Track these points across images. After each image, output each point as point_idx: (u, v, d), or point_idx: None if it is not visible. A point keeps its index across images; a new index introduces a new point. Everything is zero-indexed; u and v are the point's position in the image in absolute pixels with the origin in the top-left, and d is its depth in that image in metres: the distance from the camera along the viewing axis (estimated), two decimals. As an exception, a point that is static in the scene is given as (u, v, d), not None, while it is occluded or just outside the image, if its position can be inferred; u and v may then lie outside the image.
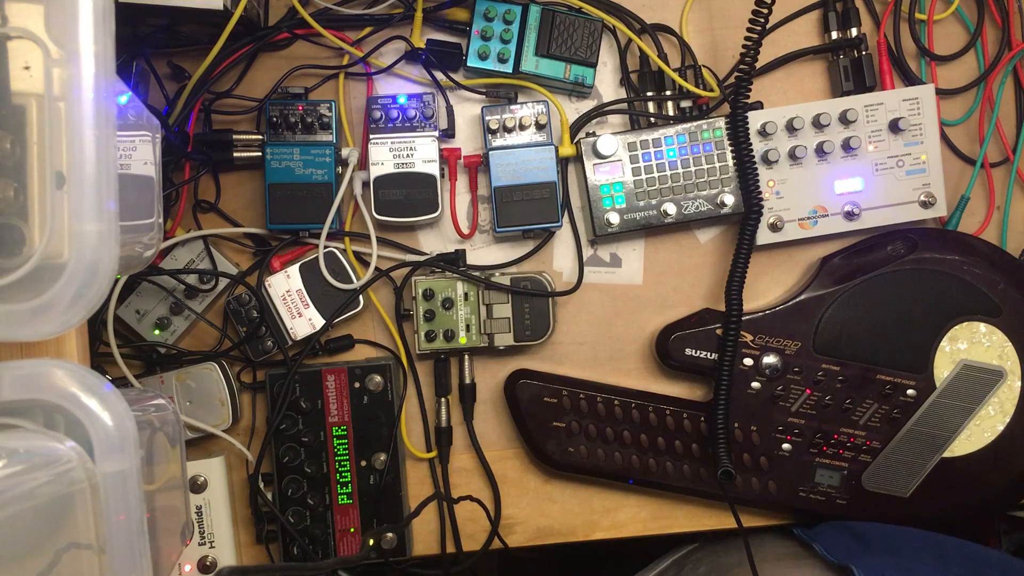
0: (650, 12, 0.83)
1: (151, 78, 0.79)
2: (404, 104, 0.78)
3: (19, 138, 0.46)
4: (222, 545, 0.80)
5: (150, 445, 0.55)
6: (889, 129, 0.79)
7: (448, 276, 0.80)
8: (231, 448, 0.81)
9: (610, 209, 0.79)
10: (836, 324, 0.77)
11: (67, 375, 0.44)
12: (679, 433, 0.79)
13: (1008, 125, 0.84)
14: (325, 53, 0.82)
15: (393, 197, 0.78)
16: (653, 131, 0.79)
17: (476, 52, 0.79)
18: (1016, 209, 0.84)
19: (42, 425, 0.45)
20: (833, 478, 0.78)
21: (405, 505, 0.81)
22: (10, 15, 0.45)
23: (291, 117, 0.78)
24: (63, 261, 0.42)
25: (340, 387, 0.79)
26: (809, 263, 0.83)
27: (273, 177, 0.78)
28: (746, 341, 0.78)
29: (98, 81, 0.42)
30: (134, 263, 0.61)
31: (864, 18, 0.83)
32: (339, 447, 0.79)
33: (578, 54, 0.79)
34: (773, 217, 0.79)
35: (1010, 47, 0.83)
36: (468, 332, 0.79)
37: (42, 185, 0.45)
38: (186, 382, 0.79)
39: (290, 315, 0.80)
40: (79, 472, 0.44)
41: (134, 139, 0.60)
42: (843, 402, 0.77)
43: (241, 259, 0.82)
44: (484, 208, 0.83)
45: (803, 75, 0.84)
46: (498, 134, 0.79)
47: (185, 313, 0.80)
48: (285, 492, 0.79)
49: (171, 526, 0.60)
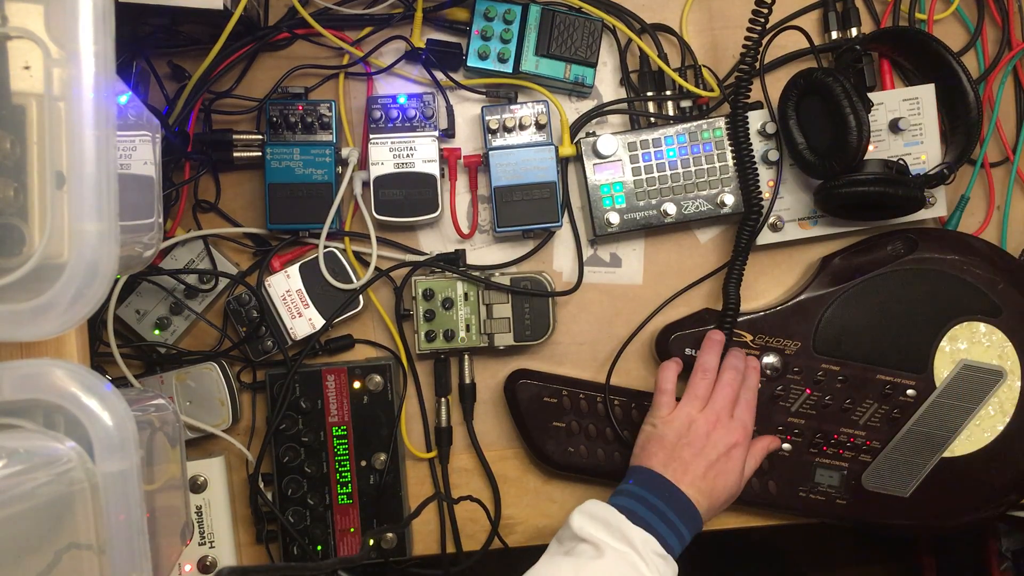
0: (650, 12, 0.83)
1: (151, 78, 0.79)
2: (404, 104, 0.78)
3: (19, 138, 0.46)
4: (222, 545, 0.80)
5: (150, 445, 0.55)
6: (889, 129, 0.79)
7: (448, 276, 0.80)
8: (231, 448, 0.81)
9: (610, 209, 0.79)
10: (836, 324, 0.77)
11: (67, 375, 0.44)
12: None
13: (1008, 125, 0.84)
14: (325, 53, 0.82)
15: (393, 197, 0.78)
16: (653, 131, 0.79)
17: (476, 52, 0.79)
18: (1016, 209, 0.84)
19: (42, 425, 0.46)
20: (833, 478, 0.78)
21: (405, 505, 0.81)
22: (10, 15, 0.45)
23: (291, 117, 0.78)
24: (63, 261, 0.42)
25: (340, 387, 0.79)
26: (809, 263, 0.83)
27: (273, 177, 0.78)
28: (746, 341, 0.78)
29: (98, 81, 0.42)
30: (134, 263, 0.61)
31: (864, 18, 0.83)
32: (339, 447, 0.79)
33: (578, 54, 0.79)
34: (773, 217, 0.79)
35: (1010, 47, 0.83)
36: (468, 332, 0.79)
37: (42, 185, 0.45)
38: (186, 382, 0.79)
39: (290, 315, 0.80)
40: (79, 472, 0.44)
41: (134, 139, 0.60)
42: (843, 402, 0.77)
43: (241, 259, 0.82)
44: (484, 208, 0.83)
45: (803, 75, 0.84)
46: (498, 134, 0.79)
47: (185, 313, 0.80)
48: (285, 492, 0.79)
49: (171, 526, 0.60)
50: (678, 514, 0.67)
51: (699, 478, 0.69)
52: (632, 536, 0.64)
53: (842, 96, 0.70)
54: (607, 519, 0.65)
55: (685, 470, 0.69)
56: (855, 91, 0.71)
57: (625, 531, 0.64)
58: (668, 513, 0.66)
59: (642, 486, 0.69)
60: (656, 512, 0.66)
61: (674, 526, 0.66)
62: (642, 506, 0.66)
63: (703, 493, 0.69)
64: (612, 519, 0.65)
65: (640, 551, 0.63)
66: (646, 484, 0.69)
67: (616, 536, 0.64)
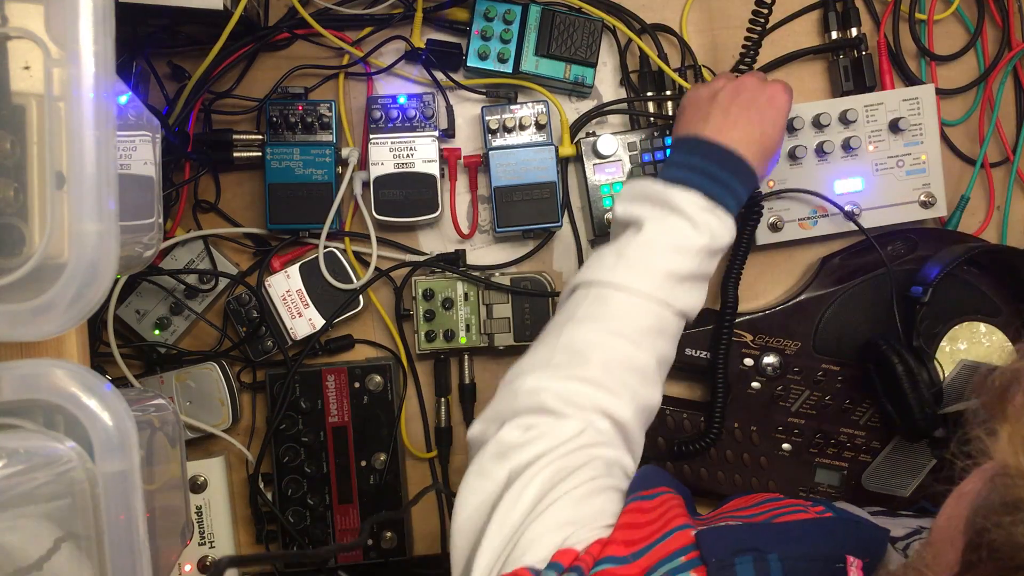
0: (650, 12, 0.83)
1: (151, 78, 0.79)
2: (404, 104, 0.78)
3: (19, 138, 0.46)
4: (222, 545, 0.80)
5: (150, 445, 0.55)
6: (889, 129, 0.79)
7: (448, 276, 0.80)
8: (231, 448, 0.81)
9: (610, 209, 0.79)
10: (836, 324, 0.77)
11: (67, 375, 0.44)
12: (679, 433, 0.79)
13: (1008, 125, 0.84)
14: (325, 53, 0.82)
15: (393, 197, 0.78)
16: (653, 131, 0.79)
17: (476, 52, 0.79)
18: (1016, 209, 0.84)
19: (42, 425, 0.45)
20: (833, 478, 0.78)
21: (405, 505, 0.81)
22: (10, 15, 0.45)
23: (291, 117, 0.78)
24: (63, 261, 0.42)
25: (340, 387, 0.79)
26: (809, 263, 0.83)
27: (273, 177, 0.78)
28: (746, 341, 0.77)
29: (98, 81, 0.42)
30: (134, 263, 0.61)
31: (864, 18, 0.83)
32: (339, 447, 0.79)
33: (578, 54, 0.79)
34: (773, 217, 0.79)
35: (1010, 47, 0.83)
36: (468, 332, 0.79)
37: (42, 185, 0.45)
38: (186, 382, 0.79)
39: (290, 315, 0.80)
40: (79, 472, 0.44)
41: (134, 139, 0.60)
42: (843, 402, 0.77)
43: (241, 259, 0.82)
44: (484, 208, 0.82)
45: (803, 75, 0.84)
46: (498, 134, 0.79)
47: (185, 313, 0.80)
48: (285, 492, 0.79)
49: (171, 526, 0.60)
50: (723, 168, 0.61)
51: (739, 125, 0.63)
52: (671, 198, 0.60)
53: (905, 379, 0.70)
54: (644, 192, 0.61)
55: (723, 122, 0.63)
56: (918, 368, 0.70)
57: (663, 195, 0.60)
58: (711, 168, 0.61)
59: (678, 150, 0.64)
60: (696, 171, 0.61)
61: (721, 181, 0.61)
62: (680, 170, 0.62)
63: (750, 142, 0.63)
64: (648, 189, 0.61)
65: (684, 211, 0.59)
66: (681, 148, 0.64)
67: (656, 204, 0.60)
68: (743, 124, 0.64)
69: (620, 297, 0.59)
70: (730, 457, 0.79)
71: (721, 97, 0.65)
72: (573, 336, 0.59)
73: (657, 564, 0.46)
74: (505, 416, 0.57)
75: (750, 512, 0.58)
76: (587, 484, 0.52)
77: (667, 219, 0.60)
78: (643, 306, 0.59)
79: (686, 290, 0.61)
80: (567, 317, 0.60)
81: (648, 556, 0.47)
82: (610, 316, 0.59)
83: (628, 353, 0.58)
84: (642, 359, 0.59)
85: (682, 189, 0.60)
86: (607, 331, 0.58)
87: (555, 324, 0.61)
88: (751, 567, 0.44)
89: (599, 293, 0.60)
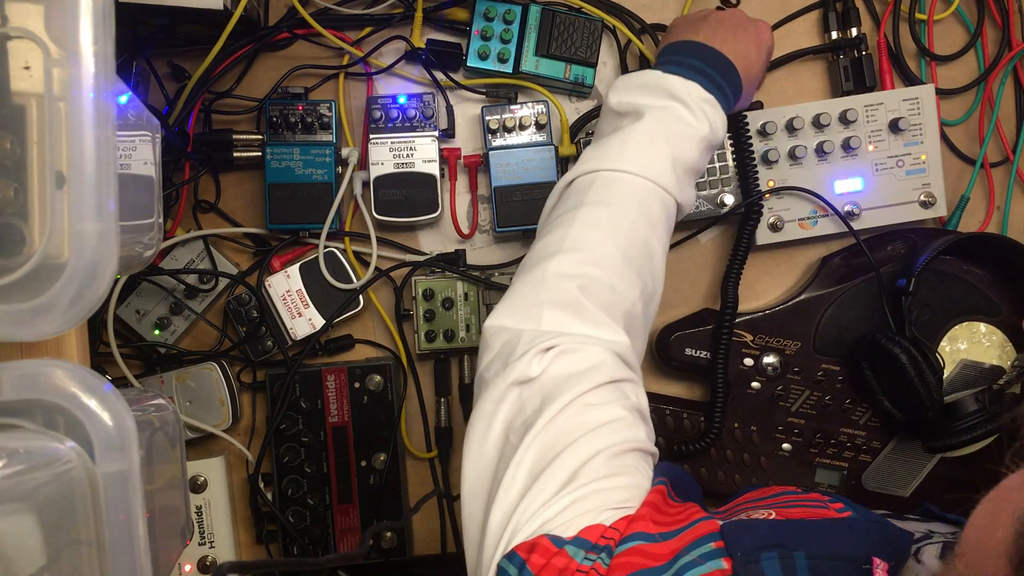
0: (650, 12, 0.83)
1: (151, 78, 0.79)
2: (404, 104, 0.78)
3: (19, 138, 0.46)
4: (222, 545, 0.80)
5: (150, 445, 0.55)
6: (889, 129, 0.79)
7: (448, 276, 0.80)
8: (231, 448, 0.81)
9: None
10: (836, 324, 0.77)
11: (67, 375, 0.44)
12: (679, 433, 0.79)
13: (1008, 125, 0.84)
14: (325, 53, 0.82)
15: (393, 197, 0.78)
16: (653, 131, 0.79)
17: (476, 52, 0.79)
18: (1016, 209, 0.84)
19: (42, 425, 0.45)
20: (833, 478, 0.78)
21: (405, 505, 0.81)
22: (10, 15, 0.45)
23: (291, 117, 0.78)
24: (63, 261, 0.42)
25: (340, 387, 0.79)
26: (809, 263, 0.83)
27: (273, 177, 0.78)
28: (746, 341, 0.78)
29: (98, 81, 0.42)
30: (134, 263, 0.60)
31: (864, 18, 0.83)
32: (339, 447, 0.79)
33: (578, 54, 0.79)
34: (773, 217, 0.79)
35: (1010, 47, 0.83)
36: (468, 332, 0.79)
37: (42, 185, 0.45)
38: (186, 382, 0.79)
39: (290, 315, 0.80)
40: (79, 472, 0.44)
41: (134, 139, 0.60)
42: (843, 402, 0.77)
43: (241, 259, 0.82)
44: (484, 208, 0.82)
45: (803, 75, 0.84)
46: (498, 134, 0.79)
47: (185, 313, 0.80)
48: (285, 492, 0.79)
49: (171, 526, 0.60)
50: (715, 68, 0.62)
51: (727, 41, 0.65)
52: (671, 86, 0.60)
53: (910, 367, 0.70)
54: (642, 82, 0.62)
55: (712, 35, 0.65)
56: (921, 355, 0.71)
57: (663, 84, 0.60)
58: (703, 67, 0.62)
59: (669, 53, 0.65)
60: (690, 68, 0.62)
61: (712, 78, 0.62)
62: (674, 65, 0.63)
63: (736, 55, 0.64)
64: (648, 78, 0.61)
65: (684, 99, 0.59)
66: (673, 51, 0.65)
67: (656, 93, 0.60)
68: (731, 43, 0.65)
69: (634, 182, 0.59)
70: (730, 457, 0.79)
71: (711, 18, 0.67)
72: (588, 219, 0.58)
73: (688, 547, 0.46)
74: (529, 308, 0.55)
75: (768, 503, 0.58)
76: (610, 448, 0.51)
77: (669, 107, 0.60)
78: (655, 193, 0.59)
79: (687, 183, 0.61)
80: (577, 202, 0.59)
81: (678, 539, 0.47)
82: (623, 201, 0.58)
83: (645, 236, 0.58)
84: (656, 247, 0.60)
85: (681, 79, 0.61)
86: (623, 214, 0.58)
87: (566, 208, 0.60)
88: (777, 563, 0.44)
89: (608, 178, 0.59)
